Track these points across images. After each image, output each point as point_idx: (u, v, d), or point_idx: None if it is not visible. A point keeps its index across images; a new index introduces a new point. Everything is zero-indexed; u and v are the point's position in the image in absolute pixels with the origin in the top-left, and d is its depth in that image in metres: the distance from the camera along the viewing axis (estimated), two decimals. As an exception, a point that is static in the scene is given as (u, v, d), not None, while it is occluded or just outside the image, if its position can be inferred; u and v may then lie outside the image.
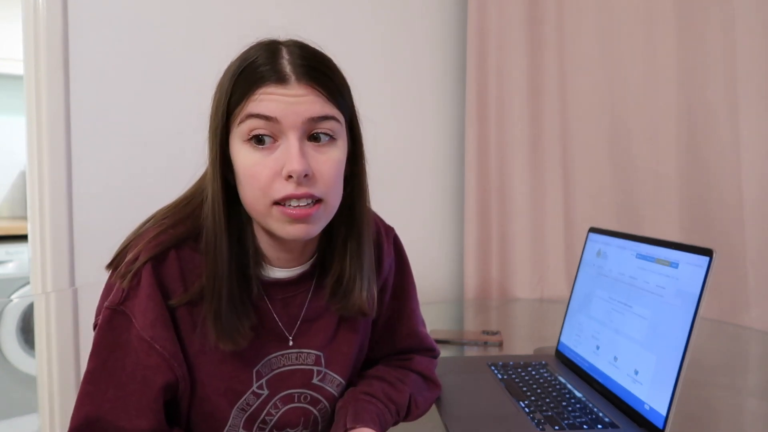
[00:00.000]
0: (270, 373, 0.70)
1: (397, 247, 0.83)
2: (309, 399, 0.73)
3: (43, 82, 1.33)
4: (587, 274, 1.06)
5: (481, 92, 1.80)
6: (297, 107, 0.60)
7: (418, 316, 0.87)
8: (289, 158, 0.59)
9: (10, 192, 3.01)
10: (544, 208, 1.84)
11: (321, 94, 0.61)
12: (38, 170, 1.35)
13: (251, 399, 0.69)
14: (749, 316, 1.54)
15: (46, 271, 1.36)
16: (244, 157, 0.61)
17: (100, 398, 0.61)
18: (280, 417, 0.71)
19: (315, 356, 0.72)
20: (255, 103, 0.60)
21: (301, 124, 0.60)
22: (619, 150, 1.79)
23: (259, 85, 0.60)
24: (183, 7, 1.45)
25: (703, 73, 1.64)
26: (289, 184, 0.60)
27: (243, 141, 0.61)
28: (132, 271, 0.62)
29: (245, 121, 0.60)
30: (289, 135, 0.60)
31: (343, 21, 1.65)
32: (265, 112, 0.59)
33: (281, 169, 0.60)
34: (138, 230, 0.67)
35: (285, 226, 0.62)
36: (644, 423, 0.79)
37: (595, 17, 1.78)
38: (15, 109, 2.91)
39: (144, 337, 0.62)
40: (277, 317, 0.70)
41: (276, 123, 0.60)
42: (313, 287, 0.72)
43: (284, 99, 0.59)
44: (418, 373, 0.84)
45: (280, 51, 0.62)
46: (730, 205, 1.60)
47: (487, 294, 1.82)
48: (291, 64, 0.61)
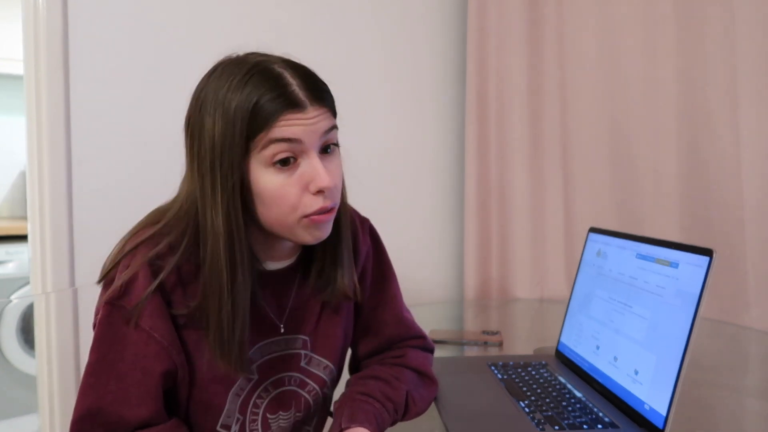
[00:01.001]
0: (261, 359, 0.73)
1: (373, 236, 0.87)
2: (298, 382, 0.77)
3: (43, 82, 1.33)
4: (587, 274, 1.06)
5: (481, 92, 1.80)
6: (314, 127, 0.64)
7: (401, 301, 0.90)
8: (318, 175, 0.64)
9: (10, 192, 3.01)
10: (544, 208, 1.84)
11: (328, 111, 0.67)
12: (38, 170, 1.35)
13: (243, 383, 0.72)
14: (749, 316, 1.54)
15: (46, 271, 1.36)
16: (270, 180, 0.64)
17: (101, 390, 0.63)
18: (271, 400, 0.74)
19: (302, 341, 0.77)
20: (278, 129, 0.63)
21: (318, 141, 0.65)
22: (619, 150, 1.79)
23: (278, 116, 0.62)
24: (183, 7, 1.45)
25: (703, 73, 1.64)
26: (319, 198, 0.65)
27: (266, 165, 0.64)
28: (129, 268, 0.65)
29: (268, 146, 0.63)
30: (310, 154, 0.65)
31: (343, 21, 1.65)
32: (289, 136, 0.63)
33: (307, 185, 0.65)
34: (122, 247, 0.68)
35: (312, 232, 0.67)
36: (644, 423, 0.79)
37: (595, 17, 1.78)
38: (15, 109, 2.91)
39: (143, 327, 0.64)
40: (268, 308, 0.74)
41: (299, 144, 0.64)
42: (298, 278, 0.77)
43: (304, 123, 0.64)
44: (413, 369, 0.85)
45: (283, 77, 0.64)
46: (730, 205, 1.60)
47: (487, 294, 1.82)
48: (302, 90, 0.64)
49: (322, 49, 1.61)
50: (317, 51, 1.64)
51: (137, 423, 0.64)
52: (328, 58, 1.63)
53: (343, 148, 0.71)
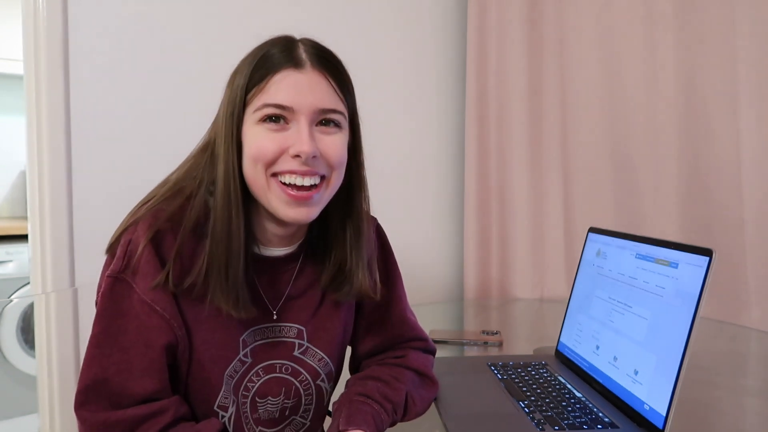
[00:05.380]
0: (254, 343, 0.74)
1: (379, 234, 0.87)
2: (290, 370, 0.76)
3: (43, 82, 1.32)
4: (587, 274, 1.06)
5: (481, 92, 1.80)
6: (310, 96, 0.65)
7: (405, 302, 0.90)
8: (299, 140, 0.65)
9: (10, 192, 3.01)
10: (544, 208, 1.84)
11: (331, 85, 0.67)
12: (38, 170, 1.35)
13: (237, 366, 0.72)
14: (749, 316, 1.54)
15: (46, 271, 1.36)
16: (255, 134, 0.66)
17: (105, 361, 0.64)
18: (261, 386, 0.75)
19: (297, 330, 0.77)
20: (273, 88, 0.65)
21: (312, 113, 0.66)
22: (619, 150, 1.79)
23: (277, 69, 0.65)
24: (183, 7, 1.45)
25: (703, 73, 1.64)
26: (294, 161, 0.65)
27: (256, 122, 0.66)
28: (131, 241, 0.66)
29: (261, 109, 0.65)
30: (300, 120, 0.65)
31: (342, 21, 1.65)
32: (281, 102, 0.65)
33: (288, 148, 0.65)
34: (132, 215, 0.71)
35: (286, 209, 0.67)
36: (644, 423, 0.79)
37: (595, 17, 1.78)
38: (15, 109, 2.91)
39: (145, 299, 0.65)
40: (263, 293, 0.74)
41: (290, 111, 0.65)
42: (298, 267, 0.77)
43: (299, 83, 0.65)
44: (413, 370, 0.85)
45: (296, 43, 0.69)
46: (730, 205, 1.60)
47: (487, 294, 1.82)
48: (306, 53, 0.67)
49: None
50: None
51: (142, 395, 0.64)
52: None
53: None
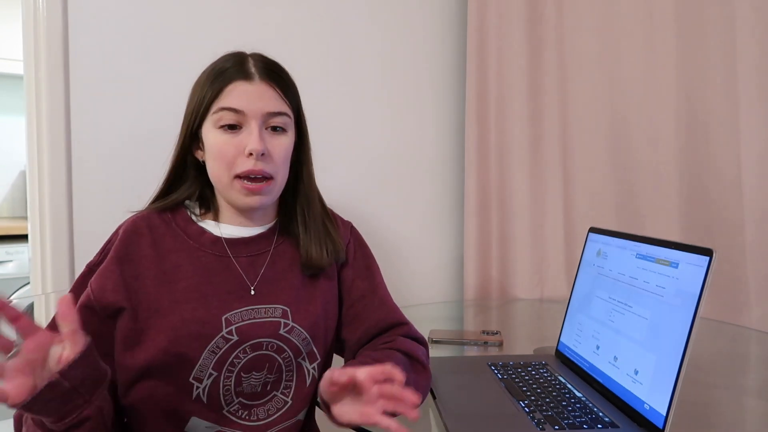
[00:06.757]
0: (240, 323, 0.81)
1: (354, 234, 0.99)
2: (275, 348, 0.83)
3: (43, 82, 1.32)
4: (587, 274, 1.06)
5: (481, 92, 1.79)
6: (259, 102, 0.80)
7: (385, 289, 0.99)
8: (251, 140, 0.79)
9: (10, 192, 3.01)
10: (544, 208, 1.83)
11: (277, 92, 0.82)
12: (38, 170, 1.35)
13: (221, 342, 0.79)
14: (749, 316, 1.54)
15: (46, 271, 1.36)
16: (216, 138, 0.81)
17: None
18: (247, 361, 0.81)
19: (282, 310, 0.85)
20: (227, 97, 0.80)
21: (261, 116, 0.81)
22: (619, 150, 1.79)
23: (230, 81, 0.80)
24: (183, 7, 1.45)
25: (703, 73, 1.64)
26: (250, 161, 0.80)
27: (216, 127, 0.81)
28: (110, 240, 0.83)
29: (218, 112, 0.80)
30: (251, 123, 0.80)
31: (342, 21, 1.65)
32: (234, 106, 0.79)
33: (244, 149, 0.80)
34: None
35: (243, 198, 0.82)
36: (644, 423, 0.79)
37: (595, 17, 1.78)
38: (15, 109, 2.91)
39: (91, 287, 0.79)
40: (243, 272, 0.84)
41: (242, 115, 0.80)
42: (273, 248, 0.88)
43: (249, 93, 0.80)
44: (402, 351, 0.88)
45: (246, 58, 0.84)
46: (730, 205, 1.60)
47: (487, 294, 1.82)
48: (254, 67, 0.82)
49: (321, 49, 1.61)
50: (317, 51, 1.64)
51: None
52: (328, 59, 1.63)
53: (343, 147, 0.73)
